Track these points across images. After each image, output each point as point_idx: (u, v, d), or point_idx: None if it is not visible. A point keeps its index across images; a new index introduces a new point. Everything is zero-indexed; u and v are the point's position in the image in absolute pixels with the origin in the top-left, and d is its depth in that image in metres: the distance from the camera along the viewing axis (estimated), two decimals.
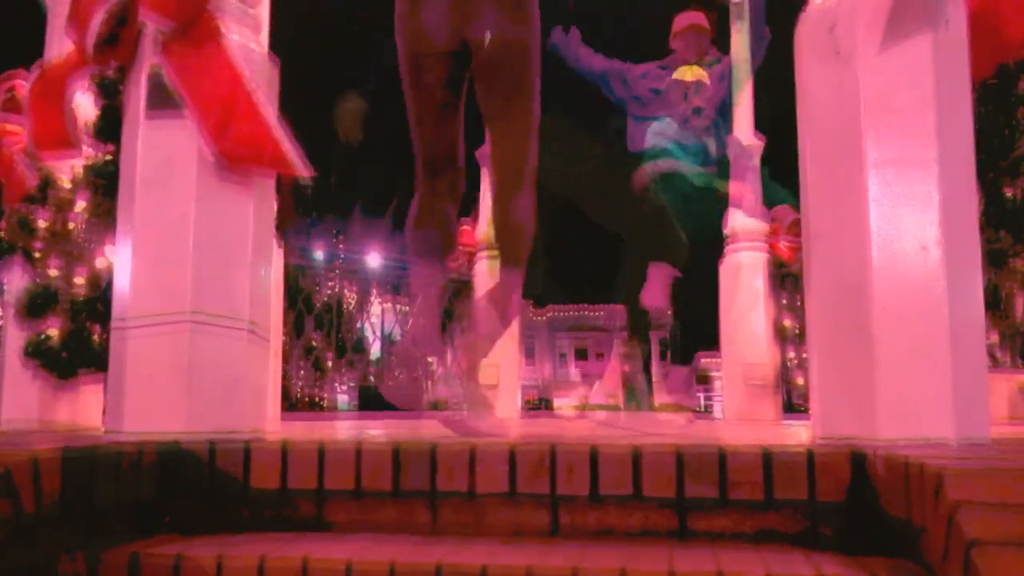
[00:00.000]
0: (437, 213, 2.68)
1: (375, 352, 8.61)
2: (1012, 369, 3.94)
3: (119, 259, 2.15)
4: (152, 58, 2.07)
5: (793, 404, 5.53)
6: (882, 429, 1.71)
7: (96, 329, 3.31)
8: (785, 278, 5.31)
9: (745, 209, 4.89)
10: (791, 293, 5.27)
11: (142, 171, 2.06)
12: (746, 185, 4.85)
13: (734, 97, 4.65)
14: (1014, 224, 3.30)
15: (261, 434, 2.07)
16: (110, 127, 3.25)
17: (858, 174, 1.80)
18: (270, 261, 2.25)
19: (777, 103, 4.36)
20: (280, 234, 3.34)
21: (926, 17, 1.80)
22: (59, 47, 3.38)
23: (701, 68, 4.46)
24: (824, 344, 1.88)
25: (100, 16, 2.08)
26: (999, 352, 3.81)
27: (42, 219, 3.48)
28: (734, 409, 4.94)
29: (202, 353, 2.00)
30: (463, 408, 2.44)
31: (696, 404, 4.62)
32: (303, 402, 7.47)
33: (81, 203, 3.44)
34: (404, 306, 8.44)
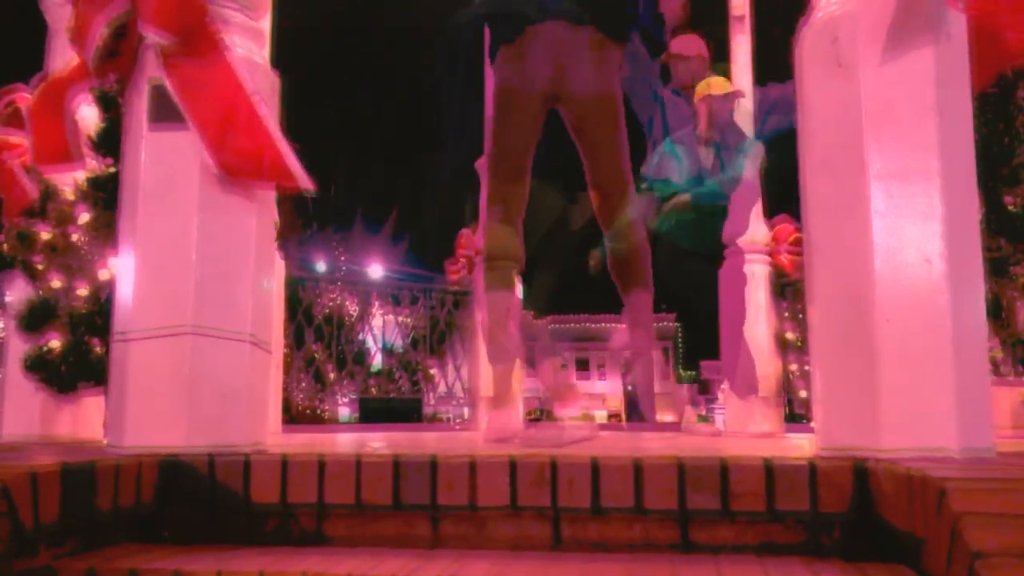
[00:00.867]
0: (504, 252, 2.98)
1: (376, 364, 8.59)
2: (1014, 379, 3.93)
3: (121, 271, 2.15)
4: (153, 70, 2.07)
5: (795, 415, 5.52)
6: (885, 440, 1.70)
7: (96, 343, 3.30)
8: (786, 288, 5.30)
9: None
10: (792, 304, 5.26)
11: (144, 183, 2.06)
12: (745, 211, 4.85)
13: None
14: (1015, 233, 3.29)
15: (262, 447, 2.06)
16: (111, 140, 3.25)
17: (860, 185, 1.79)
18: (272, 273, 2.25)
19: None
20: (282, 246, 3.34)
21: (928, 28, 1.80)
22: (61, 60, 3.39)
23: (719, 78, 4.42)
24: (827, 355, 1.87)
25: (101, 29, 2.08)
26: (1000, 361, 3.80)
27: (43, 232, 3.48)
28: (736, 419, 4.93)
29: (203, 365, 1.99)
30: (462, 421, 2.46)
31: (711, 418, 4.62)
32: (304, 414, 7.45)
33: (82, 216, 3.44)
34: (404, 317, 8.42)
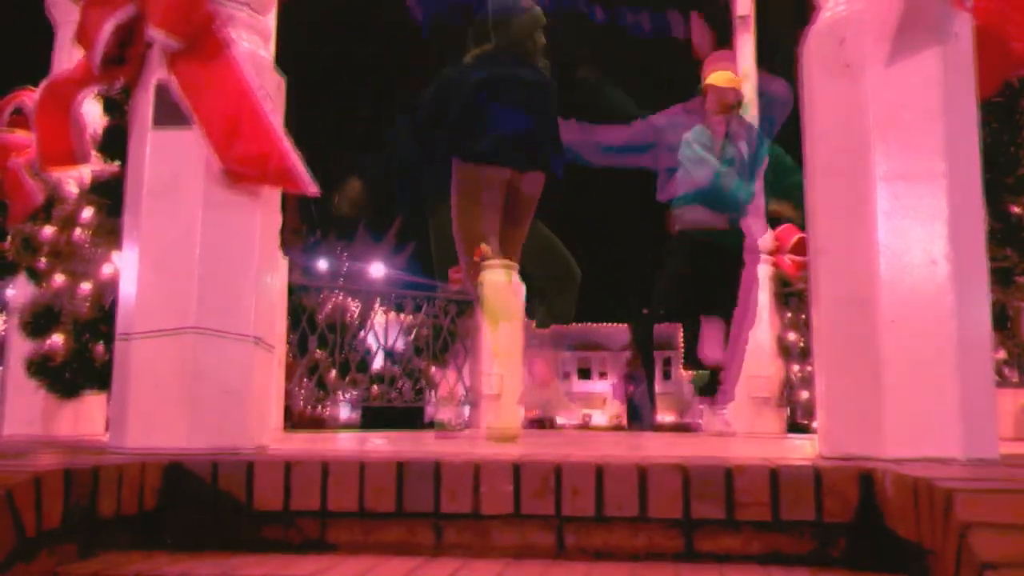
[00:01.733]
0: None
1: (377, 367, 8.56)
2: (1018, 387, 3.92)
3: (124, 271, 2.15)
4: (159, 72, 2.07)
5: (797, 421, 5.50)
6: (889, 447, 1.69)
7: (99, 348, 3.30)
8: (789, 297, 5.29)
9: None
10: (795, 309, 5.25)
11: (149, 183, 2.06)
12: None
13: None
14: (1020, 242, 3.28)
15: (264, 449, 2.05)
16: (114, 145, 3.26)
17: (867, 187, 1.79)
18: (276, 271, 2.25)
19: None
20: (285, 251, 3.34)
21: (935, 31, 1.79)
22: (66, 62, 3.40)
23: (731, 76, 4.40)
24: (830, 359, 1.87)
25: (107, 33, 2.08)
26: (1006, 370, 3.79)
27: (46, 236, 3.48)
28: (739, 423, 4.92)
29: (206, 366, 1.99)
30: (462, 429, 2.45)
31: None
32: (305, 419, 7.43)
33: (86, 215, 3.44)
34: (407, 318, 8.40)
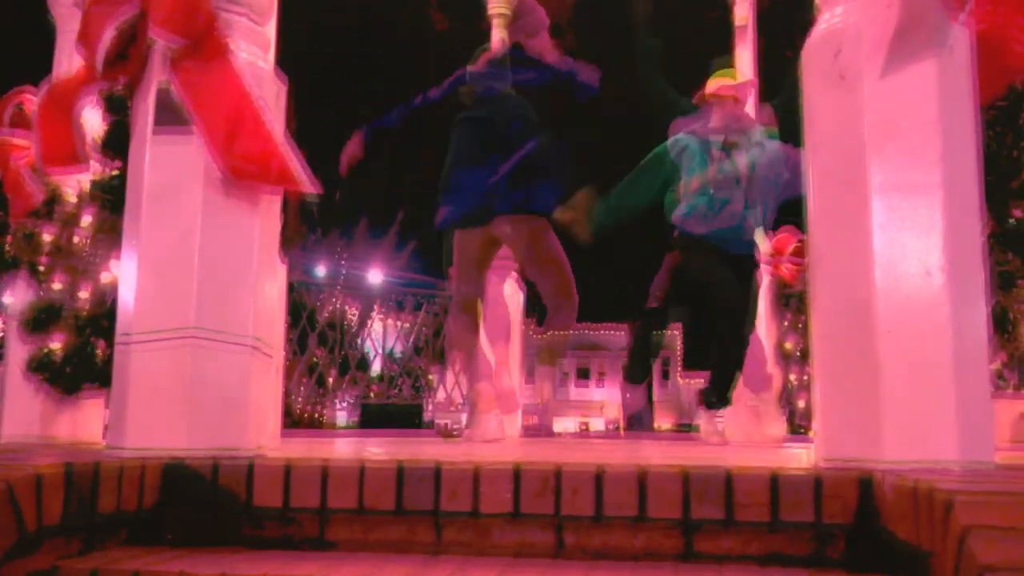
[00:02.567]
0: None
1: (376, 369, 8.59)
2: (1014, 393, 3.91)
3: (124, 274, 2.15)
4: (161, 74, 2.07)
5: (796, 426, 5.51)
6: (887, 451, 1.69)
7: (100, 345, 3.30)
8: (789, 299, 5.30)
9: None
10: (794, 314, 5.25)
11: (149, 186, 2.06)
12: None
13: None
14: (1022, 247, 3.28)
15: (263, 451, 2.06)
16: (117, 143, 3.26)
17: (863, 198, 1.80)
18: (275, 277, 2.25)
19: (784, 127, 4.34)
20: (286, 252, 3.34)
21: (931, 42, 1.80)
22: (68, 63, 3.40)
23: (729, 78, 4.37)
24: (828, 366, 1.87)
25: (110, 33, 2.09)
26: (1007, 374, 3.78)
27: (48, 234, 3.48)
28: (738, 429, 4.93)
29: (205, 369, 1.99)
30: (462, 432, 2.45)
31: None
32: (304, 419, 7.44)
33: (87, 218, 3.44)
34: (405, 324, 8.42)
